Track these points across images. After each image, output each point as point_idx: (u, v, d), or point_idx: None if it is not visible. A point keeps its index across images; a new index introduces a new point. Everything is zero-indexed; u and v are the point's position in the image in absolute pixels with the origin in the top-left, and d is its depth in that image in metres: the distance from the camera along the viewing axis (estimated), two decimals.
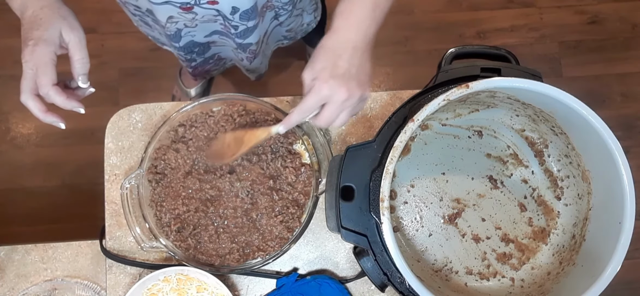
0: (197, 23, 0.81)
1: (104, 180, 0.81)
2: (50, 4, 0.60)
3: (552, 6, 1.75)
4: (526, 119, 0.72)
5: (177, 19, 0.79)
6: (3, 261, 0.80)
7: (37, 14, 0.59)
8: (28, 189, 1.58)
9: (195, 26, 0.83)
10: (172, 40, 0.89)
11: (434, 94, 0.64)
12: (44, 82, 0.58)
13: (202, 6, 0.74)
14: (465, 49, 0.70)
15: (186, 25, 0.82)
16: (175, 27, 0.82)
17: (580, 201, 0.69)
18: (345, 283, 0.77)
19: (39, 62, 0.58)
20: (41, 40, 0.58)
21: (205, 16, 0.78)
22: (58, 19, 0.60)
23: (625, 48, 1.73)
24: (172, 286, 0.74)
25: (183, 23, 0.81)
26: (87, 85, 0.64)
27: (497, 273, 0.72)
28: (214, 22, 0.82)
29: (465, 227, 0.74)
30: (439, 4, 1.74)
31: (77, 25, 0.62)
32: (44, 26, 0.59)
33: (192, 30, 0.85)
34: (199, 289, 0.74)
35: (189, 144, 0.76)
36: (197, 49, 0.95)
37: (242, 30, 0.83)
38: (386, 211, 0.58)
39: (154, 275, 0.72)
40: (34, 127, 1.61)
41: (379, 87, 1.68)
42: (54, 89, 0.59)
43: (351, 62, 0.56)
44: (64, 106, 0.61)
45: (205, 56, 1.00)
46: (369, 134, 0.83)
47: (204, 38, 0.91)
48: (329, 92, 0.55)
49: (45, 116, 0.61)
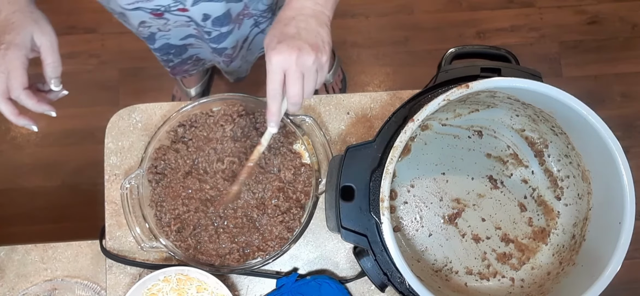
0: (170, 28, 0.81)
1: (104, 180, 0.81)
2: (22, 8, 0.61)
3: (552, 6, 1.75)
4: (526, 119, 0.72)
5: (150, 23, 0.79)
6: (3, 261, 0.80)
7: (9, 18, 0.60)
8: (28, 189, 1.58)
9: (169, 30, 0.83)
10: (148, 42, 0.89)
11: (434, 94, 0.64)
12: (15, 86, 0.59)
13: (172, 13, 0.74)
14: (465, 49, 0.70)
15: (160, 30, 0.82)
16: (149, 31, 0.82)
17: (580, 201, 0.69)
18: (345, 283, 0.77)
19: (10, 66, 0.58)
20: (12, 44, 0.59)
21: (177, 22, 0.78)
22: (30, 23, 0.60)
23: (625, 48, 1.73)
24: (172, 286, 0.74)
25: (156, 27, 0.81)
26: (59, 88, 0.64)
27: (497, 273, 0.72)
28: (187, 27, 0.82)
29: (465, 227, 0.74)
30: (439, 4, 1.74)
31: (49, 29, 0.62)
32: (16, 30, 0.60)
33: (166, 34, 0.85)
34: (199, 289, 0.74)
35: (189, 144, 0.76)
36: (173, 50, 0.95)
37: (216, 35, 0.83)
38: (386, 211, 0.58)
39: (153, 275, 0.72)
40: None
41: (379, 87, 1.68)
42: (25, 92, 0.59)
43: (299, 26, 0.56)
44: (35, 109, 0.62)
45: (183, 56, 0.99)
46: (369, 134, 0.83)
47: (180, 41, 0.90)
48: (279, 57, 0.55)
49: (17, 119, 0.62)
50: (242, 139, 0.76)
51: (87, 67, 1.64)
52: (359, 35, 1.69)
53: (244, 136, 0.76)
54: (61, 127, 1.60)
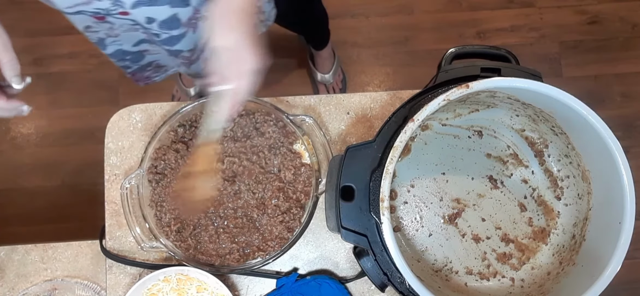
0: (118, 32, 0.78)
1: (104, 180, 0.81)
2: None
3: (552, 6, 1.75)
4: (526, 119, 0.72)
5: (96, 28, 0.76)
6: (3, 261, 0.80)
7: None
8: (28, 189, 1.58)
9: (118, 36, 0.80)
10: (99, 47, 0.86)
11: (434, 94, 0.64)
12: None
13: (114, 16, 0.72)
14: (465, 49, 0.70)
15: (108, 35, 0.80)
16: (97, 36, 0.79)
17: (580, 201, 0.69)
18: (345, 283, 0.77)
19: None
20: None
21: (123, 25, 0.75)
22: None
23: (625, 48, 1.73)
24: (172, 286, 0.74)
25: (104, 32, 0.79)
26: (21, 85, 0.61)
27: (497, 273, 0.72)
28: (136, 31, 0.79)
29: (465, 227, 0.74)
30: (439, 4, 1.74)
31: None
32: None
33: (116, 39, 0.82)
34: (199, 289, 0.74)
35: (189, 144, 0.76)
36: (129, 57, 0.91)
37: (166, 38, 0.80)
38: (386, 211, 0.58)
39: (153, 275, 0.72)
40: (33, 127, 1.61)
41: (379, 87, 1.68)
42: None
43: None
44: (7, 111, 0.61)
45: (141, 63, 0.96)
46: (369, 134, 0.83)
47: (133, 47, 0.87)
48: None
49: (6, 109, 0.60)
50: (242, 139, 0.76)
51: (87, 67, 1.64)
52: (359, 35, 1.70)
53: (244, 136, 0.76)
54: (61, 127, 1.61)
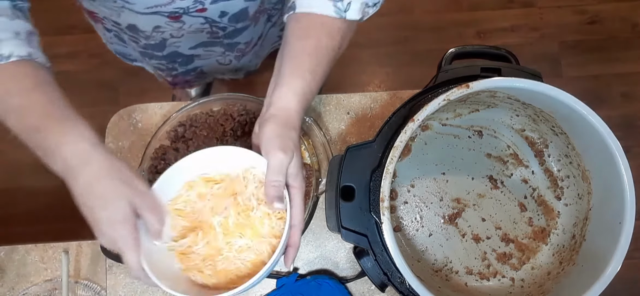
0: (183, 33, 0.81)
1: None
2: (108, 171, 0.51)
3: (552, 6, 1.75)
4: (526, 119, 0.72)
5: (164, 28, 0.78)
6: (3, 261, 0.80)
7: (94, 188, 0.51)
8: (28, 189, 1.58)
9: (181, 36, 0.82)
10: (155, 50, 0.87)
11: (434, 94, 0.64)
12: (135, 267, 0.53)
13: (190, 14, 0.74)
14: (465, 49, 0.70)
15: (172, 36, 0.81)
16: (161, 37, 0.81)
17: (580, 201, 0.69)
18: (345, 283, 0.77)
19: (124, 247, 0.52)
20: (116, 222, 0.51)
21: (192, 25, 0.77)
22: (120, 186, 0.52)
23: (625, 48, 1.73)
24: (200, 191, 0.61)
25: (169, 33, 0.80)
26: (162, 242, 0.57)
27: (497, 273, 0.72)
28: (200, 33, 0.81)
29: (466, 227, 0.74)
30: (439, 4, 1.74)
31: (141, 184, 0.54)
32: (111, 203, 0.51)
33: (177, 40, 0.84)
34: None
35: (189, 144, 0.76)
36: (180, 59, 0.94)
37: (231, 31, 0.82)
38: (386, 211, 0.58)
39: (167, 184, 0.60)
40: None
41: (379, 87, 1.68)
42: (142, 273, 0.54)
43: None
44: None
45: (188, 67, 0.98)
46: (369, 134, 0.83)
47: (189, 50, 0.89)
48: None
49: None
50: (243, 138, 0.76)
51: (87, 67, 1.64)
52: (359, 35, 1.68)
53: (244, 135, 0.76)
54: None
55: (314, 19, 0.58)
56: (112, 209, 0.52)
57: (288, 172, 0.55)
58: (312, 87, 0.58)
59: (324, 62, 0.58)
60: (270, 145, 0.54)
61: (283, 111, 0.56)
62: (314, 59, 0.57)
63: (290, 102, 0.56)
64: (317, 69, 0.58)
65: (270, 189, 0.54)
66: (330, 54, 0.59)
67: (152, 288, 0.77)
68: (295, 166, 0.56)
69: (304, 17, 0.59)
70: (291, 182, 0.56)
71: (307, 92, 0.57)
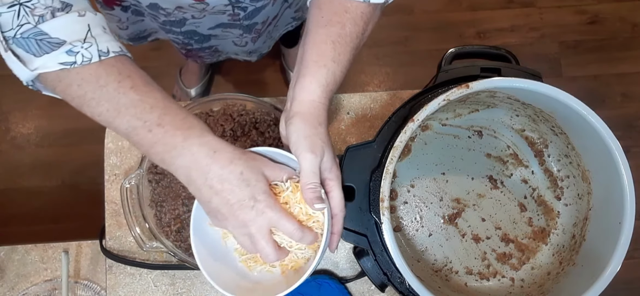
0: (205, 14, 0.80)
1: (104, 180, 0.81)
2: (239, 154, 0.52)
3: (552, 6, 1.75)
4: (526, 119, 0.72)
5: (186, 9, 0.77)
6: (3, 261, 0.80)
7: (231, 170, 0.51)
8: (28, 189, 1.58)
9: (203, 17, 0.81)
10: (174, 26, 0.86)
11: (434, 94, 0.64)
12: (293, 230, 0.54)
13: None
14: (465, 49, 0.70)
15: (193, 17, 0.81)
16: (182, 16, 0.80)
17: (580, 201, 0.69)
18: (345, 283, 0.77)
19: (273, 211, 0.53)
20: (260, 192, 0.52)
21: (216, 6, 0.76)
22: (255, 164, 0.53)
23: (625, 48, 1.73)
24: None
25: (191, 14, 0.80)
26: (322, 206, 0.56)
27: (497, 273, 0.72)
28: (222, 14, 0.80)
29: (465, 227, 0.74)
30: (439, 4, 1.74)
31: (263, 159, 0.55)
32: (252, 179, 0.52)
33: (198, 21, 0.83)
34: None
35: None
36: (197, 37, 0.94)
37: (251, 10, 0.81)
38: (386, 211, 0.58)
39: None
40: (34, 127, 1.61)
41: (379, 87, 1.68)
42: None
43: None
44: None
45: (203, 45, 0.99)
46: (369, 134, 0.83)
47: (208, 30, 0.89)
48: None
49: None
50: (243, 139, 0.76)
51: None
52: None
53: (244, 135, 0.76)
54: (61, 127, 1.61)
55: (337, 4, 0.55)
56: (253, 182, 0.52)
57: (322, 167, 0.54)
58: (337, 76, 0.55)
59: (348, 50, 0.56)
60: (299, 148, 0.53)
61: (307, 105, 0.54)
62: (338, 47, 0.55)
63: (314, 94, 0.54)
64: (342, 57, 0.55)
65: (307, 192, 0.53)
66: (355, 42, 0.56)
67: (152, 288, 0.77)
68: (328, 160, 0.54)
69: (327, 3, 0.56)
70: (326, 175, 0.55)
71: (332, 82, 0.55)
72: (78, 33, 0.49)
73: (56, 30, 0.48)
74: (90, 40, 0.49)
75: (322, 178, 0.55)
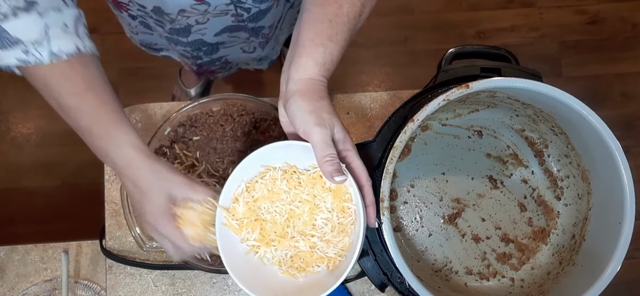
0: (208, 17, 0.80)
1: (104, 180, 0.81)
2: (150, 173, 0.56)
3: (552, 6, 1.75)
4: (526, 119, 0.72)
5: (189, 13, 0.77)
6: (3, 261, 0.80)
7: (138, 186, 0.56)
8: (28, 189, 1.58)
9: (207, 21, 0.81)
10: (180, 36, 0.86)
11: (434, 94, 0.64)
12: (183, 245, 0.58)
13: None
14: (465, 49, 0.70)
15: (198, 22, 0.81)
16: (186, 22, 0.81)
17: (580, 201, 0.69)
18: (345, 283, 0.77)
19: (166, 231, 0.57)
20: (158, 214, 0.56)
21: (217, 7, 0.77)
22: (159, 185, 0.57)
23: (625, 48, 1.73)
24: None
25: (194, 19, 0.80)
26: None
27: (497, 273, 0.72)
28: (225, 16, 0.80)
29: (465, 227, 0.74)
30: (439, 4, 1.74)
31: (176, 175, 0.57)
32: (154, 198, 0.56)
33: (202, 27, 0.83)
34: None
35: (189, 144, 0.76)
36: (205, 48, 0.93)
37: (255, 12, 0.81)
38: (386, 211, 0.58)
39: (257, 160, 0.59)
40: (34, 127, 1.61)
41: (379, 87, 1.68)
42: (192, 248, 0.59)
43: None
44: None
45: (213, 56, 0.98)
46: (369, 134, 0.83)
47: (214, 37, 0.89)
48: None
49: None
50: (243, 139, 0.76)
51: None
52: (359, 35, 1.68)
53: (244, 135, 0.76)
54: (61, 127, 1.60)
55: None
56: (155, 203, 0.56)
57: (335, 139, 0.52)
58: (334, 56, 0.54)
59: (345, 29, 0.54)
60: (306, 125, 0.51)
61: (305, 82, 0.53)
62: (335, 26, 0.53)
63: (311, 72, 0.53)
64: (339, 37, 0.54)
65: (325, 165, 0.51)
66: (352, 22, 0.55)
67: (152, 288, 0.77)
68: (339, 132, 0.53)
69: None
70: (341, 147, 0.53)
71: (329, 61, 0.54)
72: (34, 34, 0.52)
73: (15, 30, 0.51)
74: (44, 42, 0.52)
75: (338, 150, 0.53)
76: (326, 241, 0.57)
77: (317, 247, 0.58)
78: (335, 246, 0.57)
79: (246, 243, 0.59)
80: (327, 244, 0.57)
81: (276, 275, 0.59)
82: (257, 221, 0.58)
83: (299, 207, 0.58)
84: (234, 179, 0.58)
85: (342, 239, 0.57)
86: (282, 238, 0.58)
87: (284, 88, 0.55)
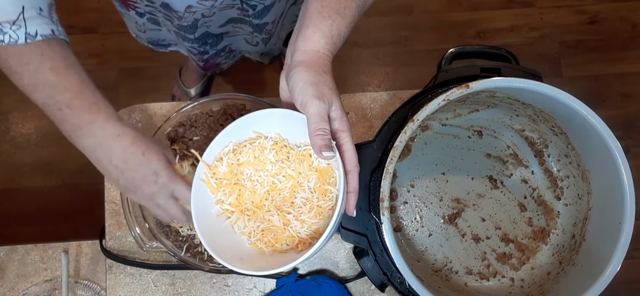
0: (214, 11, 0.80)
1: (104, 180, 0.81)
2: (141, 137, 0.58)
3: (552, 6, 1.75)
4: (526, 119, 0.72)
5: (196, 8, 0.77)
6: (3, 261, 0.80)
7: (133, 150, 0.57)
8: (28, 189, 1.58)
9: (213, 15, 0.81)
10: (187, 33, 0.87)
11: (434, 94, 0.64)
12: None
13: None
14: (465, 49, 0.70)
15: (204, 16, 0.81)
16: (193, 17, 0.81)
17: (580, 201, 0.69)
18: (345, 283, 0.77)
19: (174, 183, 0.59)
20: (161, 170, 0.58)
21: (223, 2, 0.77)
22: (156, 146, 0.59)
23: (625, 48, 1.73)
24: None
25: (201, 13, 0.80)
26: None
27: (497, 273, 0.72)
28: (231, 8, 0.81)
29: (465, 227, 0.74)
30: (439, 4, 1.74)
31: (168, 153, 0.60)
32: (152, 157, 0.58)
33: (208, 20, 0.83)
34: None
35: (189, 144, 0.76)
36: (211, 40, 0.94)
37: (260, 9, 0.82)
38: (386, 211, 0.58)
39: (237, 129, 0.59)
40: (34, 127, 1.61)
41: (379, 87, 1.68)
42: None
43: None
44: None
45: (218, 47, 0.99)
46: (369, 134, 0.83)
47: (219, 28, 0.89)
48: None
49: None
50: None
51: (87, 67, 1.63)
52: (359, 35, 1.70)
53: None
54: None
55: None
56: (155, 161, 0.57)
57: (330, 116, 0.51)
58: (342, 30, 0.53)
59: (353, 5, 0.54)
60: (305, 95, 0.50)
61: (311, 54, 0.52)
62: (344, 1, 0.53)
63: (318, 44, 0.52)
64: (347, 12, 0.53)
65: (316, 138, 0.50)
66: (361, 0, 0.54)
67: (152, 288, 0.77)
68: (337, 110, 0.52)
69: None
70: (336, 126, 0.52)
71: (336, 35, 0.53)
72: (10, 14, 0.52)
73: None
74: (20, 23, 0.52)
75: (332, 129, 0.52)
76: (301, 221, 0.56)
77: (290, 224, 0.56)
78: (309, 227, 0.56)
79: (220, 205, 0.58)
80: (301, 224, 0.56)
81: (243, 244, 0.59)
82: (237, 186, 0.58)
83: (282, 182, 0.57)
84: (223, 137, 0.58)
85: (317, 222, 0.56)
86: (257, 209, 0.57)
87: (289, 60, 0.54)
